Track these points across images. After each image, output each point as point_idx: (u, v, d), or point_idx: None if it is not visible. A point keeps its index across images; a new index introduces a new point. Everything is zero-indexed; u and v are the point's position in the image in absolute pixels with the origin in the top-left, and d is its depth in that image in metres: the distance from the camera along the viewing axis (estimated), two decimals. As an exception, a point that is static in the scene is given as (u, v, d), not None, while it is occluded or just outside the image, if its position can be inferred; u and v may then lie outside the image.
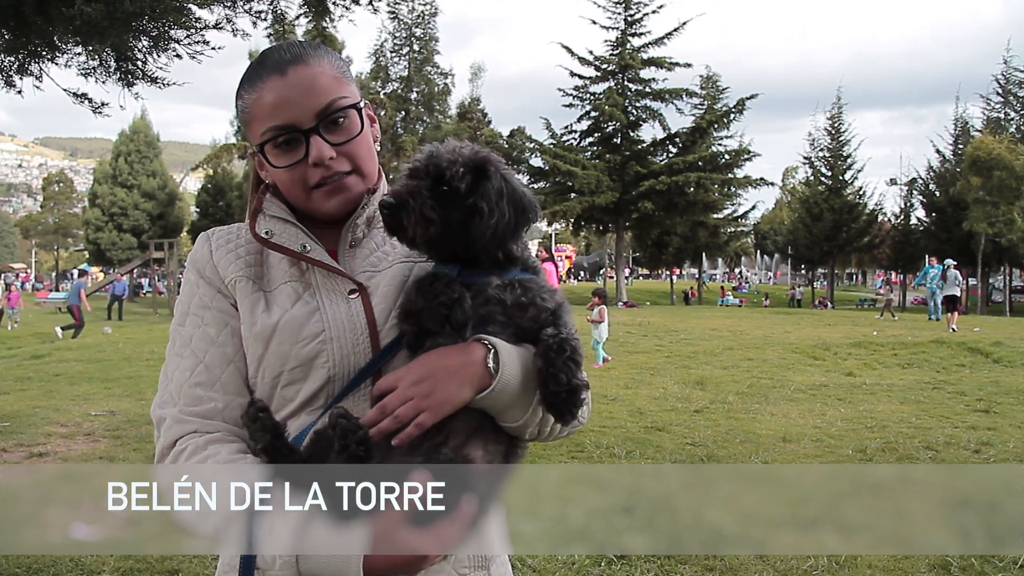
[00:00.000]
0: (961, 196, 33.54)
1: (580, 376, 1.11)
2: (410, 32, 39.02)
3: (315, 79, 1.20)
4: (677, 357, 12.43)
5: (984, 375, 10.84)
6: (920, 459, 6.10)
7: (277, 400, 1.18)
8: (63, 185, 74.21)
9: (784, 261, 63.17)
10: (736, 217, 43.70)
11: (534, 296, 1.14)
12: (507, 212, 1.13)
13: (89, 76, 4.97)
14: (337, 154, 1.20)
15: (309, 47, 1.24)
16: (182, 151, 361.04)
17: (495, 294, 1.13)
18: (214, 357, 1.19)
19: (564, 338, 1.11)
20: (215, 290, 1.22)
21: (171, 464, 1.12)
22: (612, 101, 36.44)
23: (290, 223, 1.23)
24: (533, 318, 1.14)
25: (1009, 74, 37.30)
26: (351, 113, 1.21)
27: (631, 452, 6.19)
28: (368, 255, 1.26)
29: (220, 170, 42.93)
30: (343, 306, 1.18)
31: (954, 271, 19.19)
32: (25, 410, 7.84)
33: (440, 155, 1.13)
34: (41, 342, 16.13)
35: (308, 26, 6.84)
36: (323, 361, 1.15)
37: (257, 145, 1.22)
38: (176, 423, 1.15)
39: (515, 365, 1.10)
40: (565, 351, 1.10)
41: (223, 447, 1.13)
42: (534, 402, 1.11)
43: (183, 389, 1.17)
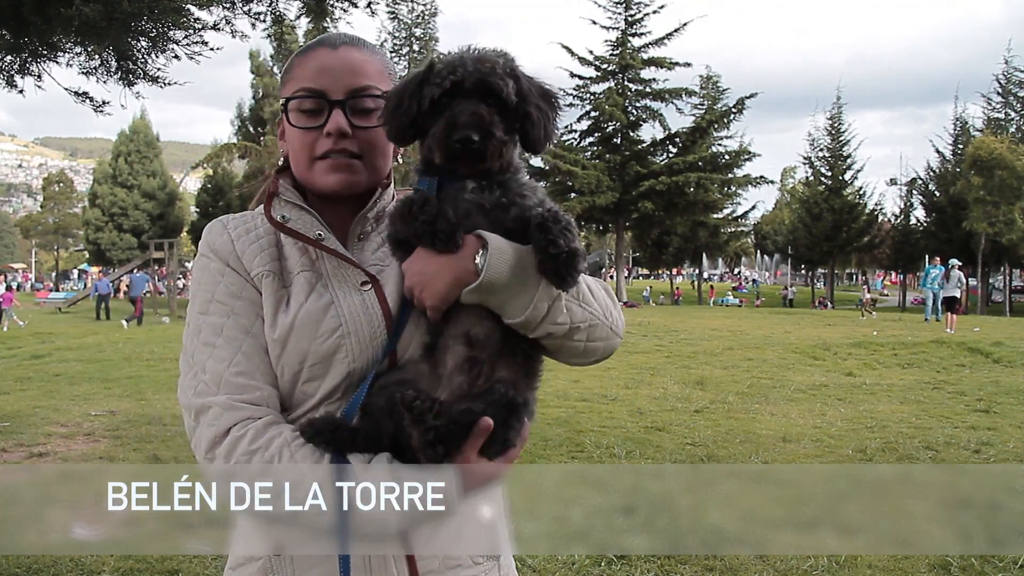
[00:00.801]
0: (961, 196, 33.53)
1: (577, 241, 1.10)
2: (410, 32, 38.97)
3: (361, 63, 1.23)
4: (677, 357, 12.43)
5: (984, 375, 10.84)
6: (920, 459, 6.10)
7: (297, 395, 1.18)
8: (63, 185, 74.21)
9: (784, 261, 63.15)
10: (736, 217, 43.72)
11: (515, 196, 1.13)
12: (545, 108, 1.14)
13: (90, 75, 4.97)
14: (353, 135, 1.21)
15: (367, 42, 1.28)
16: (182, 151, 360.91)
17: (472, 197, 1.12)
18: (251, 347, 1.17)
19: (556, 211, 1.10)
20: (244, 280, 1.20)
21: (231, 450, 1.11)
22: (612, 101, 36.42)
23: (304, 210, 1.23)
24: (518, 217, 1.12)
25: (1009, 74, 37.29)
26: (381, 105, 1.22)
27: (631, 452, 6.19)
28: (375, 249, 1.27)
29: (220, 170, 42.89)
30: (357, 298, 1.18)
31: (957, 272, 18.82)
32: (25, 410, 7.84)
33: (479, 69, 1.08)
34: (41, 342, 16.12)
35: (307, 27, 6.82)
36: (343, 356, 1.15)
37: (284, 99, 1.24)
38: (228, 411, 1.12)
39: (507, 257, 1.09)
40: (560, 221, 1.09)
41: (283, 427, 1.13)
42: (535, 294, 1.10)
43: (224, 378, 1.14)
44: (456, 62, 1.09)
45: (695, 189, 36.13)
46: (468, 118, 1.06)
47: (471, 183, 1.12)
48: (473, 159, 1.09)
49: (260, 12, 5.16)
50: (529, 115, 1.12)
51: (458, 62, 1.09)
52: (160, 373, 10.67)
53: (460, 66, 1.08)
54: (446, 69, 1.08)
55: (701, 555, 4.04)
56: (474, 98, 1.08)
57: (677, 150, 37.31)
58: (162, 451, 6.14)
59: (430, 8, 38.55)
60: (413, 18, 38.63)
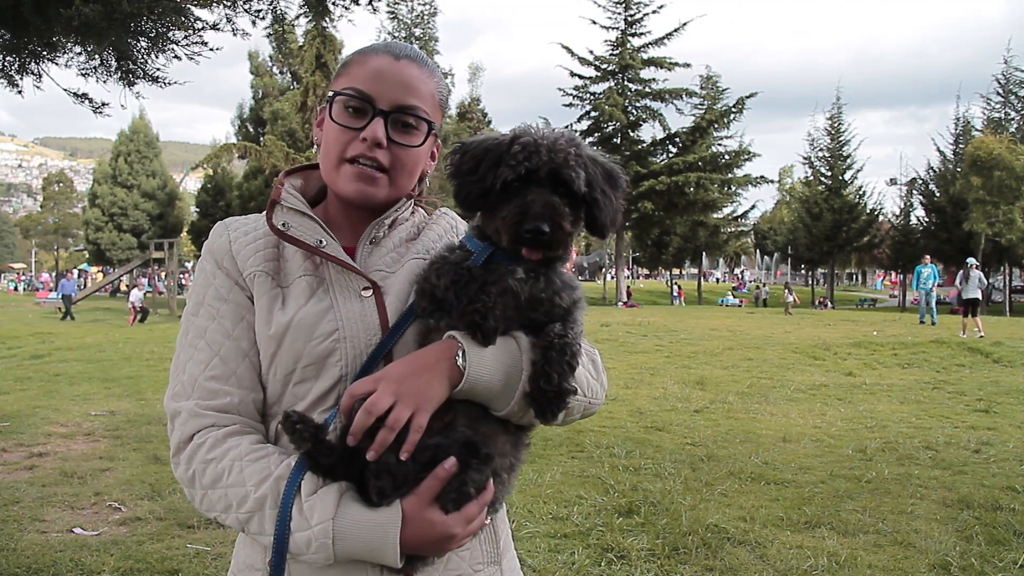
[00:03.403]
0: (961, 196, 33.53)
1: (571, 381, 1.12)
2: (410, 32, 38.94)
3: (416, 81, 1.23)
4: (677, 357, 12.43)
5: (984, 375, 10.85)
6: (920, 459, 6.10)
7: (288, 398, 1.18)
8: (63, 185, 74.28)
9: (784, 261, 63.13)
10: (736, 217, 43.73)
11: (554, 292, 1.15)
12: (610, 192, 1.16)
13: (89, 76, 4.96)
14: (386, 148, 1.21)
15: (432, 63, 1.28)
16: (182, 151, 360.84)
17: (513, 286, 1.13)
18: (229, 351, 1.18)
19: (568, 341, 1.12)
20: (232, 282, 1.21)
21: (192, 456, 1.12)
22: (612, 101, 36.44)
23: (307, 216, 1.24)
24: (546, 312, 1.14)
25: (1009, 74, 37.32)
26: (421, 127, 1.23)
27: (631, 452, 6.18)
28: (385, 254, 1.27)
29: (220, 170, 42.91)
30: (356, 304, 1.19)
31: (977, 272, 17.41)
32: (25, 410, 7.85)
33: (553, 159, 1.10)
34: (41, 342, 16.12)
35: (308, 26, 6.82)
36: (336, 359, 1.15)
37: (333, 91, 1.24)
38: (193, 417, 1.14)
39: (490, 363, 1.10)
40: (565, 353, 1.11)
41: (243, 439, 1.13)
42: (516, 395, 1.11)
43: (198, 382, 1.16)
44: (531, 148, 1.10)
45: (695, 189, 36.16)
46: (541, 209, 1.08)
47: (520, 270, 1.13)
48: (540, 249, 1.11)
49: (260, 10, 5.15)
50: (597, 202, 1.14)
51: (533, 148, 1.10)
52: (160, 373, 10.67)
53: (535, 153, 1.10)
54: (522, 154, 1.10)
55: (701, 555, 4.04)
56: (546, 187, 1.10)
57: (677, 150, 37.33)
58: (162, 451, 6.13)
59: (430, 8, 38.58)
60: (413, 18, 38.64)
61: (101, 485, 5.22)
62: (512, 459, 1.17)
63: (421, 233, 1.33)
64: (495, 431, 1.13)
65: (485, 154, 1.14)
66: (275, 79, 39.56)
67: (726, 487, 5.27)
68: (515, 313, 1.13)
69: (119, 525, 4.46)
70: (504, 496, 1.16)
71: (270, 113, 35.96)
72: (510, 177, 1.10)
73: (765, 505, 4.88)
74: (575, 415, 1.23)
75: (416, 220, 1.36)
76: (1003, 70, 37.49)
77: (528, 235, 1.08)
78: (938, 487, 5.31)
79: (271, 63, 40.05)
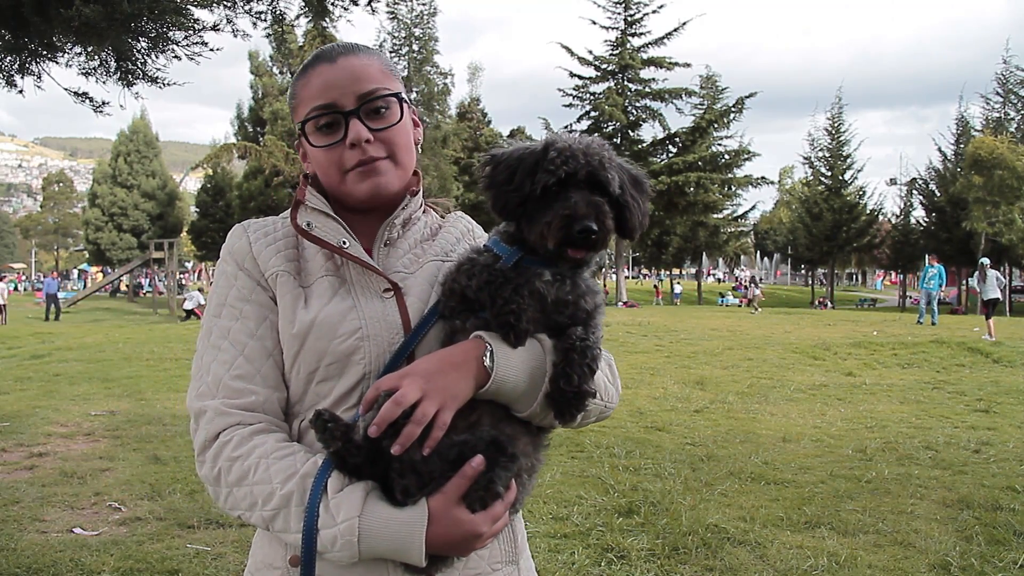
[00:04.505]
0: (961, 196, 33.52)
1: (591, 383, 1.13)
2: (409, 32, 38.89)
3: (362, 68, 1.24)
4: (677, 357, 12.43)
5: (984, 375, 10.84)
6: (920, 459, 6.10)
7: (311, 396, 1.18)
8: (63, 185, 74.31)
9: (784, 261, 63.13)
10: (736, 217, 43.73)
11: (579, 296, 1.17)
12: (638, 196, 1.19)
13: (90, 76, 4.96)
14: (374, 139, 1.22)
15: (361, 46, 1.29)
16: (182, 151, 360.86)
17: (540, 288, 1.15)
18: (254, 350, 1.19)
19: (589, 344, 1.14)
20: (254, 283, 1.22)
21: (217, 454, 1.13)
22: (612, 101, 36.42)
23: (330, 217, 1.25)
24: (570, 316, 1.16)
25: (1009, 73, 37.31)
26: (392, 103, 1.24)
27: (631, 452, 6.18)
28: (402, 255, 1.28)
29: (220, 170, 42.83)
30: (378, 304, 1.20)
31: (993, 271, 16.98)
32: (25, 410, 7.85)
33: (589, 162, 1.13)
34: (41, 342, 16.12)
35: (308, 26, 6.84)
36: (359, 358, 1.16)
37: (299, 123, 1.25)
38: (218, 415, 1.14)
39: (516, 364, 1.12)
40: (586, 356, 1.13)
41: (268, 437, 1.13)
42: (540, 396, 1.13)
43: (223, 381, 1.17)
44: (568, 153, 1.13)
45: (695, 189, 36.15)
46: (587, 209, 1.11)
47: (548, 273, 1.16)
48: (588, 248, 1.13)
49: (261, 11, 5.15)
50: (628, 204, 1.17)
51: (570, 153, 1.13)
52: (160, 373, 10.68)
53: (572, 158, 1.13)
54: (559, 159, 1.12)
55: (701, 555, 4.04)
56: (584, 189, 1.13)
57: (677, 150, 37.32)
58: (162, 451, 6.14)
59: (430, 8, 38.52)
60: (413, 18, 38.58)
61: (101, 485, 5.22)
62: (533, 460, 1.18)
63: (437, 235, 1.34)
64: (518, 432, 1.15)
65: (519, 163, 1.16)
66: (275, 79, 39.49)
67: (726, 487, 5.27)
68: (540, 315, 1.15)
69: (119, 525, 4.46)
70: (524, 497, 1.17)
71: (270, 113, 35.92)
72: (550, 182, 1.12)
73: (765, 505, 4.88)
74: (592, 418, 1.24)
75: (429, 220, 1.37)
76: (1003, 70, 37.49)
77: (580, 235, 1.10)
78: (938, 487, 5.31)
79: (271, 63, 40.00)
